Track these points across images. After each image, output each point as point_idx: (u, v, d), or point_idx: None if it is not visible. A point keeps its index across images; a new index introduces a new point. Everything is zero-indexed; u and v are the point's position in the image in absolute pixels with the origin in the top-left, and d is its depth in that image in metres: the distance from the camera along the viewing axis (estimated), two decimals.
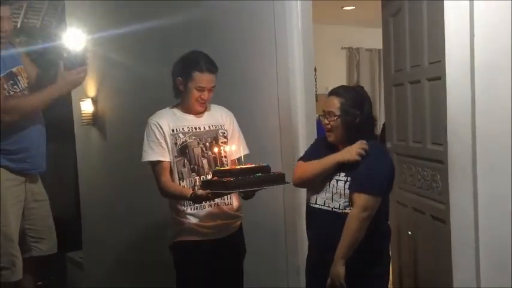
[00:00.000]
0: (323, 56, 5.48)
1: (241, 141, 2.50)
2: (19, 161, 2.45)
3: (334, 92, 2.16)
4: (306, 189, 2.30)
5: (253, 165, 2.20)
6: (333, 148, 2.19)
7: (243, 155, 2.41)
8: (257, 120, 2.88)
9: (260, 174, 2.14)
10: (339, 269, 2.03)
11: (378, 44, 3.39)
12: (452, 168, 2.09)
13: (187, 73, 2.34)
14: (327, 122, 2.14)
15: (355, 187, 2.05)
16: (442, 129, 2.17)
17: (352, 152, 2.06)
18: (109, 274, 4.29)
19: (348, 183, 2.09)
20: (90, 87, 4.37)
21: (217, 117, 2.48)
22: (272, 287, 2.86)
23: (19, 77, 2.45)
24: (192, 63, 2.35)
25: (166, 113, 2.42)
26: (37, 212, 2.59)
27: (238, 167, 2.23)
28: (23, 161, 2.46)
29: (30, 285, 2.60)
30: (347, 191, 2.08)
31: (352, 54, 6.63)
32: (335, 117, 2.11)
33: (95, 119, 4.34)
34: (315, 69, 2.99)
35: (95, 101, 4.32)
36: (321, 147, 2.25)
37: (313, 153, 2.23)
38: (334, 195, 2.12)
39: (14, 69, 2.43)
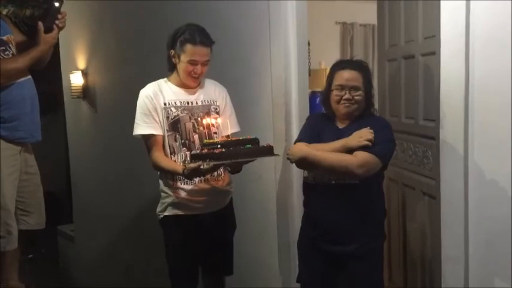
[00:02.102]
0: (316, 31, 5.42)
1: (233, 118, 2.48)
2: (14, 129, 2.43)
3: (356, 66, 2.13)
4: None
5: (241, 137, 2.19)
6: (332, 124, 2.18)
7: (234, 132, 2.39)
8: (250, 94, 2.86)
9: (250, 145, 2.14)
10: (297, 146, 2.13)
11: (372, 19, 3.35)
12: (444, 144, 2.09)
13: (180, 46, 2.30)
14: (350, 96, 2.10)
15: (363, 148, 2.03)
16: (435, 105, 2.16)
17: (361, 138, 2.04)
18: (100, 247, 4.31)
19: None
20: (80, 59, 4.31)
21: (211, 92, 2.45)
22: (263, 262, 2.88)
23: (10, 45, 2.44)
24: (186, 35, 2.31)
25: (159, 85, 2.38)
26: (28, 185, 2.58)
27: (228, 139, 2.22)
28: (17, 129, 2.44)
29: (16, 258, 2.59)
30: None
31: (346, 30, 6.56)
32: (360, 92, 2.10)
33: (85, 92, 4.29)
34: (309, 44, 2.95)
35: (85, 73, 4.27)
36: (318, 124, 2.23)
37: (313, 133, 2.19)
38: None
39: (4, 37, 2.42)
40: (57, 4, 2.36)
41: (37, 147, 2.66)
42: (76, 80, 4.30)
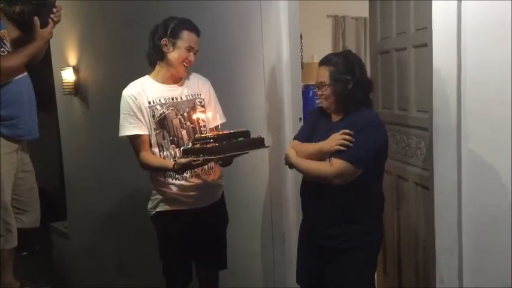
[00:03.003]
0: (308, 24, 5.40)
1: (218, 109, 2.47)
2: (13, 127, 2.42)
3: (323, 62, 2.14)
4: None
5: (233, 130, 2.18)
6: (327, 117, 2.19)
7: (220, 123, 2.38)
8: (243, 88, 2.85)
9: (242, 138, 2.13)
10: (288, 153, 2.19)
11: (364, 12, 3.35)
12: (437, 135, 2.10)
13: (176, 32, 2.29)
14: (320, 92, 2.13)
15: (338, 152, 2.02)
16: (427, 96, 2.17)
17: (332, 143, 2.03)
18: (93, 244, 4.30)
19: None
20: (72, 56, 4.28)
21: (194, 86, 2.43)
22: (257, 255, 2.89)
23: (4, 41, 2.42)
24: (181, 22, 2.31)
25: (141, 84, 2.35)
26: (24, 183, 2.57)
27: (220, 132, 2.20)
28: (16, 127, 2.43)
29: (12, 256, 2.58)
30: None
31: (338, 23, 6.56)
32: (326, 87, 2.10)
33: (77, 88, 4.27)
34: (301, 37, 2.95)
35: (76, 69, 4.24)
36: (315, 119, 2.24)
37: (309, 130, 2.23)
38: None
39: None
40: None
41: (30, 145, 2.65)
42: (67, 76, 4.27)
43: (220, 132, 2.18)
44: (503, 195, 2.00)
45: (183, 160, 2.13)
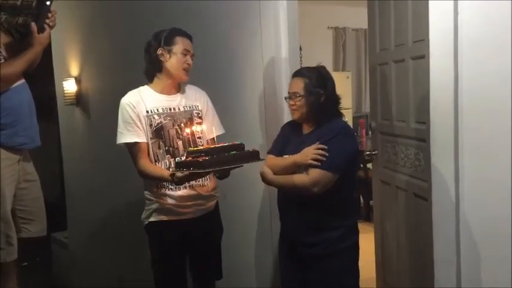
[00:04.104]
0: (309, 35, 5.45)
1: (216, 121, 2.49)
2: (14, 135, 2.42)
3: (298, 74, 2.22)
4: None
5: (227, 144, 2.19)
6: (299, 129, 2.25)
7: (219, 135, 2.40)
8: (242, 99, 2.87)
9: (235, 152, 2.14)
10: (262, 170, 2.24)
11: (365, 24, 3.37)
12: (434, 146, 2.11)
13: (170, 40, 2.34)
14: (293, 102, 2.19)
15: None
16: (426, 108, 2.18)
17: (307, 156, 2.10)
18: (93, 254, 4.29)
19: None
20: (73, 66, 4.31)
21: (191, 97, 2.46)
22: (256, 266, 2.89)
23: (1, 49, 2.42)
24: (172, 31, 2.37)
25: (140, 93, 2.38)
26: (28, 193, 2.56)
27: (212, 146, 2.21)
28: (17, 135, 2.43)
29: (16, 266, 2.58)
30: None
31: (339, 34, 6.61)
32: (299, 97, 2.17)
33: (78, 99, 4.29)
34: (300, 49, 2.97)
35: (78, 80, 4.27)
36: (287, 133, 2.30)
37: (282, 143, 2.28)
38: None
39: None
40: (48, 3, 2.37)
41: (31, 154, 2.65)
42: (69, 86, 4.30)
43: (213, 146, 2.18)
44: (501, 206, 2.01)
45: (179, 174, 2.14)
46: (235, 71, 2.91)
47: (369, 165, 3.62)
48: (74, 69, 4.30)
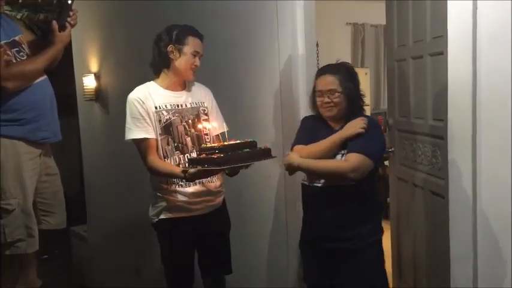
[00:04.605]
0: (328, 32, 5.42)
1: (220, 119, 2.49)
2: (37, 130, 2.46)
3: (328, 71, 2.19)
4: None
5: (239, 141, 2.18)
6: (326, 125, 2.22)
7: (222, 132, 2.39)
8: (259, 96, 2.87)
9: (248, 149, 2.14)
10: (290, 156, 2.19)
11: (383, 20, 3.35)
12: (452, 143, 2.10)
13: (182, 39, 2.33)
14: (329, 99, 2.16)
15: (351, 148, 2.10)
16: (444, 105, 2.17)
17: (355, 126, 2.10)
18: (112, 248, 4.35)
19: (344, 155, 2.12)
20: (93, 62, 4.36)
21: (197, 94, 2.46)
22: (272, 262, 2.90)
23: (23, 45, 2.48)
24: (184, 29, 2.35)
25: (148, 89, 2.37)
26: (49, 186, 2.61)
27: (226, 143, 2.18)
28: (40, 129, 2.47)
29: (36, 259, 2.64)
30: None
31: (357, 30, 6.56)
32: (338, 94, 2.14)
33: (98, 95, 4.34)
34: (317, 45, 2.96)
35: (97, 76, 4.32)
36: (313, 126, 2.27)
37: (310, 135, 2.24)
38: None
39: (16, 38, 2.46)
40: (69, 1, 2.40)
41: (52, 149, 2.70)
42: (89, 82, 4.35)
43: (226, 143, 2.17)
44: None
45: (191, 170, 2.13)
46: (251, 69, 2.91)
47: (386, 163, 3.59)
48: (94, 66, 4.35)
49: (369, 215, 2.18)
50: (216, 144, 2.19)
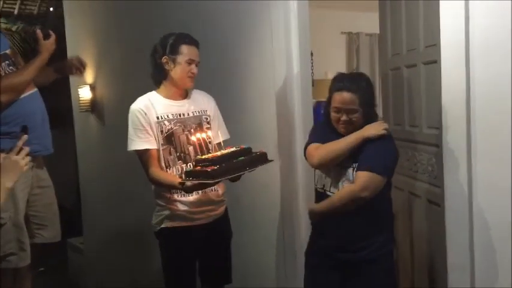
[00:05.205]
0: (322, 41, 5.44)
1: (222, 126, 2.49)
2: (29, 143, 2.45)
3: (348, 87, 2.10)
4: (313, 176, 2.30)
5: (234, 148, 2.17)
6: (337, 133, 2.19)
7: (224, 140, 2.39)
8: (253, 105, 2.88)
9: (242, 157, 2.13)
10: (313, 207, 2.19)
11: (378, 29, 3.37)
12: (447, 151, 2.09)
13: (175, 48, 2.33)
14: (347, 118, 2.10)
15: (360, 166, 2.07)
16: (438, 113, 2.17)
17: (378, 128, 2.08)
18: (109, 259, 4.33)
19: (355, 168, 2.10)
20: (88, 74, 4.36)
21: (200, 102, 2.46)
22: (268, 271, 2.88)
23: (13, 59, 2.48)
24: (178, 38, 2.35)
25: (149, 99, 2.38)
26: (41, 199, 2.60)
27: (219, 153, 2.17)
28: (31, 143, 2.45)
29: (30, 272, 2.62)
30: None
31: (352, 39, 6.59)
32: (357, 113, 2.10)
33: (93, 106, 4.34)
34: (312, 54, 2.97)
35: (93, 87, 4.32)
36: (327, 132, 2.23)
37: (325, 136, 2.20)
38: (344, 182, 2.14)
39: (7, 51, 2.46)
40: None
41: (47, 161, 2.69)
42: (84, 94, 4.35)
43: (220, 153, 2.15)
44: None
45: (188, 183, 2.13)
46: (244, 75, 2.92)
47: None
48: (89, 77, 4.35)
49: (383, 225, 2.17)
50: (209, 156, 2.16)
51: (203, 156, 2.17)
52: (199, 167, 2.10)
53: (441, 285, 2.22)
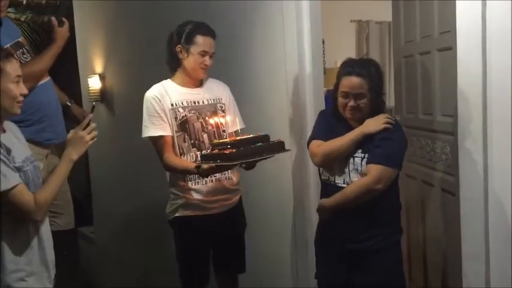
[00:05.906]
0: (332, 29, 5.39)
1: (237, 114, 2.47)
2: (42, 131, 2.46)
3: (357, 72, 2.07)
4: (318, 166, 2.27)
5: (252, 135, 2.16)
6: (344, 121, 2.16)
7: (240, 129, 2.36)
8: (265, 93, 2.86)
9: (260, 143, 2.11)
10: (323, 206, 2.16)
11: (388, 17, 3.33)
12: (462, 140, 2.06)
13: (190, 38, 2.31)
14: (355, 103, 2.07)
15: (372, 159, 2.05)
16: (452, 100, 2.14)
17: (378, 122, 2.05)
18: (119, 248, 4.35)
19: (364, 159, 2.08)
20: (98, 63, 4.36)
21: (215, 90, 2.45)
22: (279, 261, 2.88)
23: (26, 47, 2.47)
24: (194, 27, 2.33)
25: (164, 86, 2.38)
26: None
27: (238, 138, 2.16)
28: (45, 131, 2.47)
29: None
30: (364, 167, 2.07)
31: (362, 28, 6.53)
32: (365, 99, 2.07)
33: (103, 96, 4.33)
34: (323, 42, 2.94)
35: (102, 77, 4.31)
36: (331, 122, 2.20)
37: (328, 130, 2.18)
38: (351, 172, 2.12)
39: (20, 39, 2.45)
40: None
41: (59, 150, 2.69)
42: (94, 83, 4.34)
43: (238, 138, 2.15)
44: None
45: (204, 166, 2.13)
46: (256, 66, 2.89)
47: None
48: (98, 66, 4.35)
49: (390, 215, 2.16)
50: (227, 140, 2.17)
51: (221, 140, 2.16)
52: (216, 150, 2.09)
53: (455, 274, 2.20)
